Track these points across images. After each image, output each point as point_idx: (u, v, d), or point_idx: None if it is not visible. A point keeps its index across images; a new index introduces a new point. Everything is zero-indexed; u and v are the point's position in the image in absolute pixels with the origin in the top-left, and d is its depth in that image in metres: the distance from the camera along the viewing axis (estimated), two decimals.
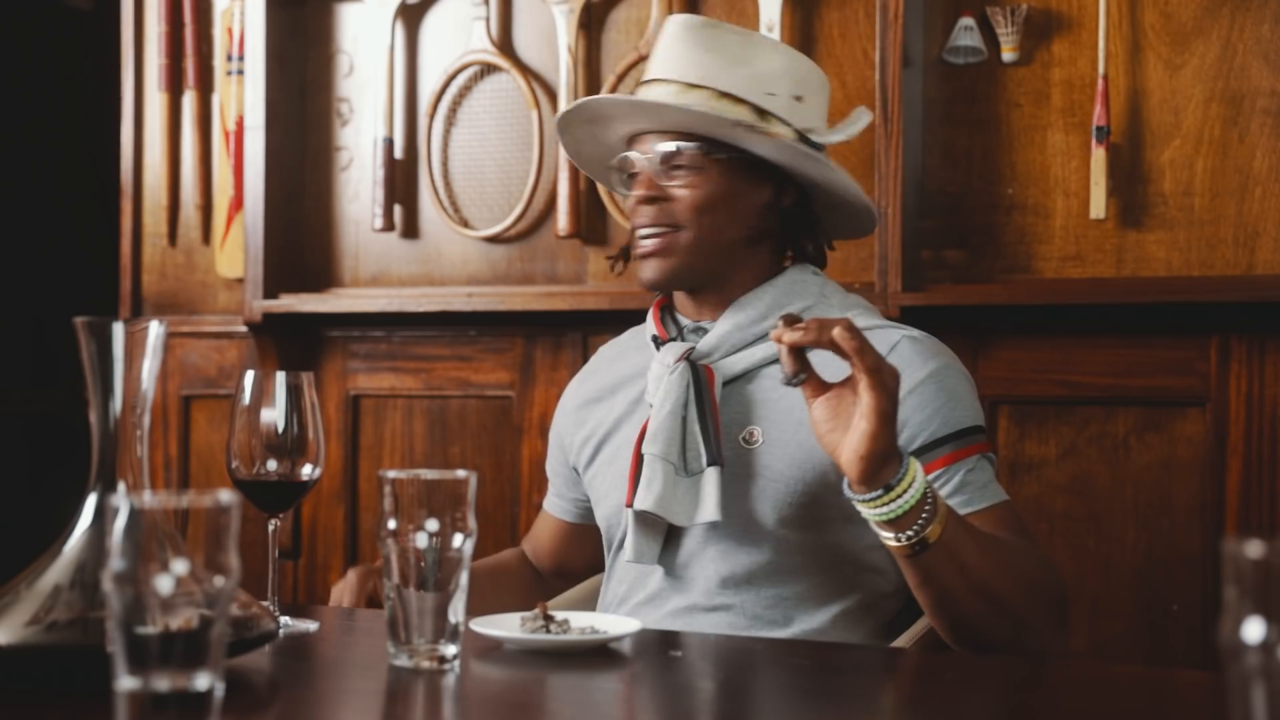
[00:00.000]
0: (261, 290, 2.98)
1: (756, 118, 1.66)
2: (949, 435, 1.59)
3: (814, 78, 1.73)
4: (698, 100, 1.66)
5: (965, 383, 1.65)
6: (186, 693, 0.84)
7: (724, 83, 1.67)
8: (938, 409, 1.60)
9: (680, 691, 1.26)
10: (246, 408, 1.47)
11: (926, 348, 1.66)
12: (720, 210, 1.68)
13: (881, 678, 1.36)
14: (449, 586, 1.22)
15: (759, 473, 1.63)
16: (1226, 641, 0.71)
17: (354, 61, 3.09)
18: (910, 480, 1.38)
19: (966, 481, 1.58)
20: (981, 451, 1.62)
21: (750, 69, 1.68)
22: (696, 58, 1.68)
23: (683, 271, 1.69)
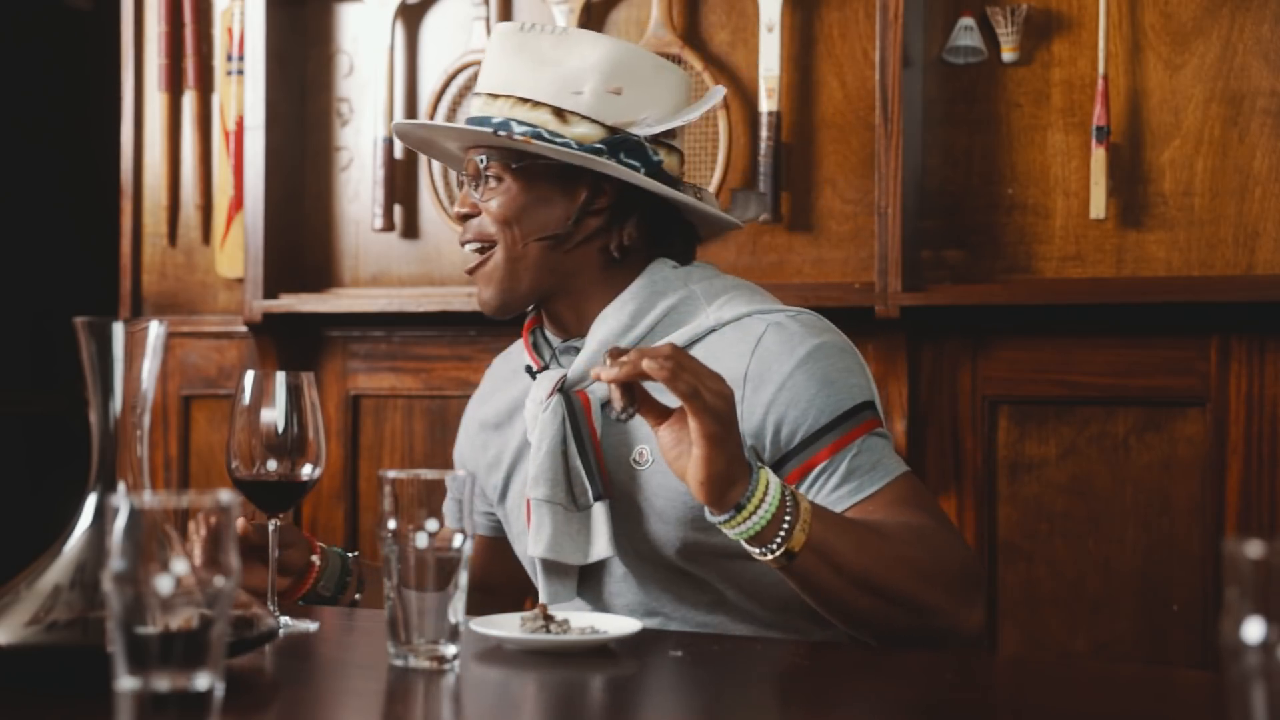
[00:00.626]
0: (261, 290, 2.98)
1: (555, 119, 1.62)
2: (826, 425, 1.54)
3: (640, 66, 1.66)
4: (498, 110, 1.64)
5: (841, 360, 1.58)
6: (186, 693, 0.84)
7: (524, 88, 1.64)
8: (810, 400, 1.54)
9: (680, 691, 1.26)
10: (246, 408, 1.47)
11: (793, 332, 1.58)
12: (525, 219, 1.64)
13: (881, 678, 1.36)
14: (449, 586, 1.22)
15: (654, 493, 1.59)
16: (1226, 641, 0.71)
17: (354, 61, 3.09)
18: (762, 495, 1.35)
19: (854, 468, 1.53)
20: (868, 431, 1.56)
21: (557, 69, 1.64)
22: (504, 65, 1.66)
23: (507, 290, 1.67)
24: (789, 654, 1.43)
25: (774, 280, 2.70)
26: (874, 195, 2.56)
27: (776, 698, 1.25)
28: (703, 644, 1.42)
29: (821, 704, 1.23)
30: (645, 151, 1.65)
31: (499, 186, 1.65)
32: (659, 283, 1.65)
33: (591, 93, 1.63)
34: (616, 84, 1.64)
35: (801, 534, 1.36)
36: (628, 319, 1.63)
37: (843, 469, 1.53)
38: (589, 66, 1.64)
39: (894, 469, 1.55)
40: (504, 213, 1.64)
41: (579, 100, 1.63)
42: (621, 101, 1.64)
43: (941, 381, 2.60)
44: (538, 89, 1.63)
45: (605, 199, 1.65)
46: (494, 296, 1.67)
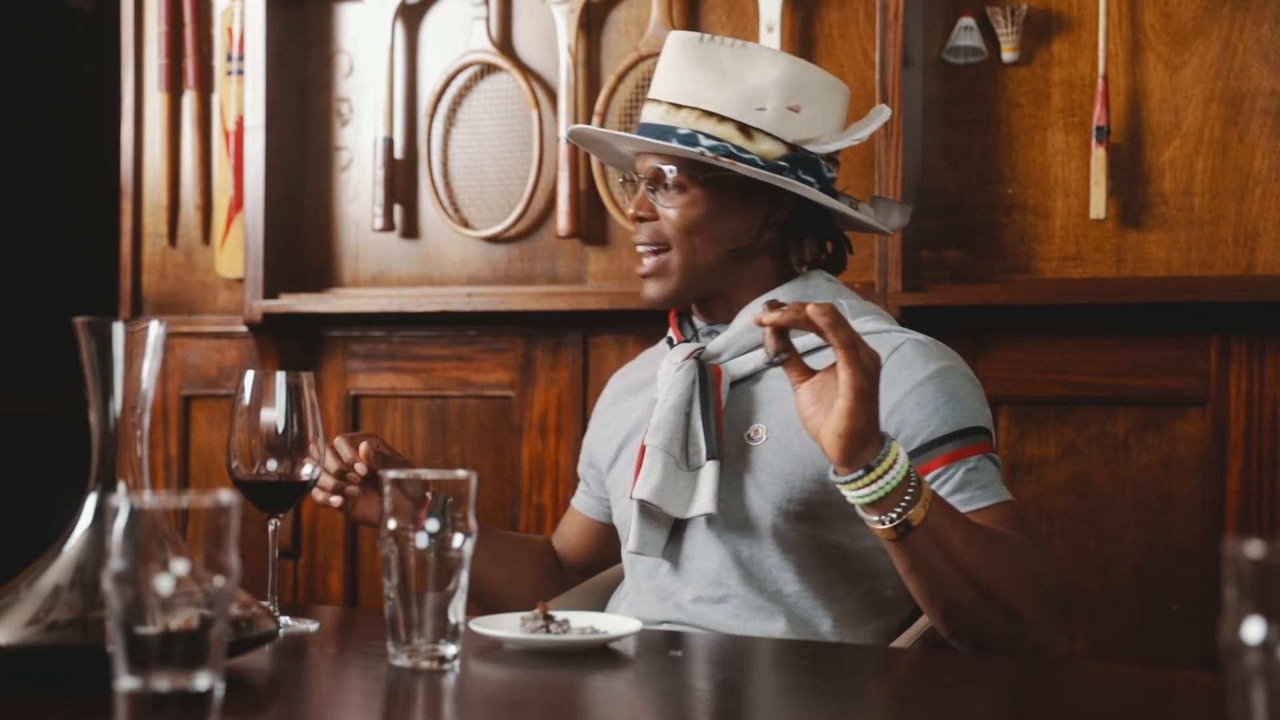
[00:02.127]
0: (261, 290, 2.98)
1: (741, 135, 1.68)
2: (949, 434, 1.60)
3: (815, 84, 1.72)
4: (683, 120, 1.69)
5: (969, 385, 1.66)
6: (186, 693, 0.84)
7: (709, 101, 1.69)
8: (937, 408, 1.61)
9: (680, 691, 1.26)
10: (246, 408, 1.47)
11: (931, 350, 1.67)
12: (707, 230, 1.71)
13: (881, 678, 1.36)
14: (449, 586, 1.22)
15: (760, 469, 1.65)
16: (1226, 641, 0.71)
17: (354, 61, 3.09)
18: (891, 462, 1.40)
19: (967, 480, 1.59)
20: (984, 452, 1.62)
21: (740, 84, 1.69)
22: (686, 75, 1.71)
23: (678, 291, 1.73)
24: (789, 654, 1.43)
25: None
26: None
27: (777, 698, 1.25)
28: (703, 644, 1.42)
29: (822, 704, 1.23)
30: (820, 168, 1.72)
31: (682, 195, 1.71)
32: (811, 288, 1.74)
33: (774, 110, 1.69)
34: (796, 101, 1.70)
35: (921, 509, 1.41)
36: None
37: (956, 478, 1.59)
38: (770, 83, 1.69)
39: (1004, 494, 1.62)
40: (687, 222, 1.71)
41: (762, 117, 1.68)
42: (800, 119, 1.70)
43: None
44: (722, 103, 1.69)
45: (782, 213, 1.73)
46: (664, 296, 1.74)
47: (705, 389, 1.67)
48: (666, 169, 1.71)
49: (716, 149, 1.67)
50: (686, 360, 1.70)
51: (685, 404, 1.67)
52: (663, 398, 1.69)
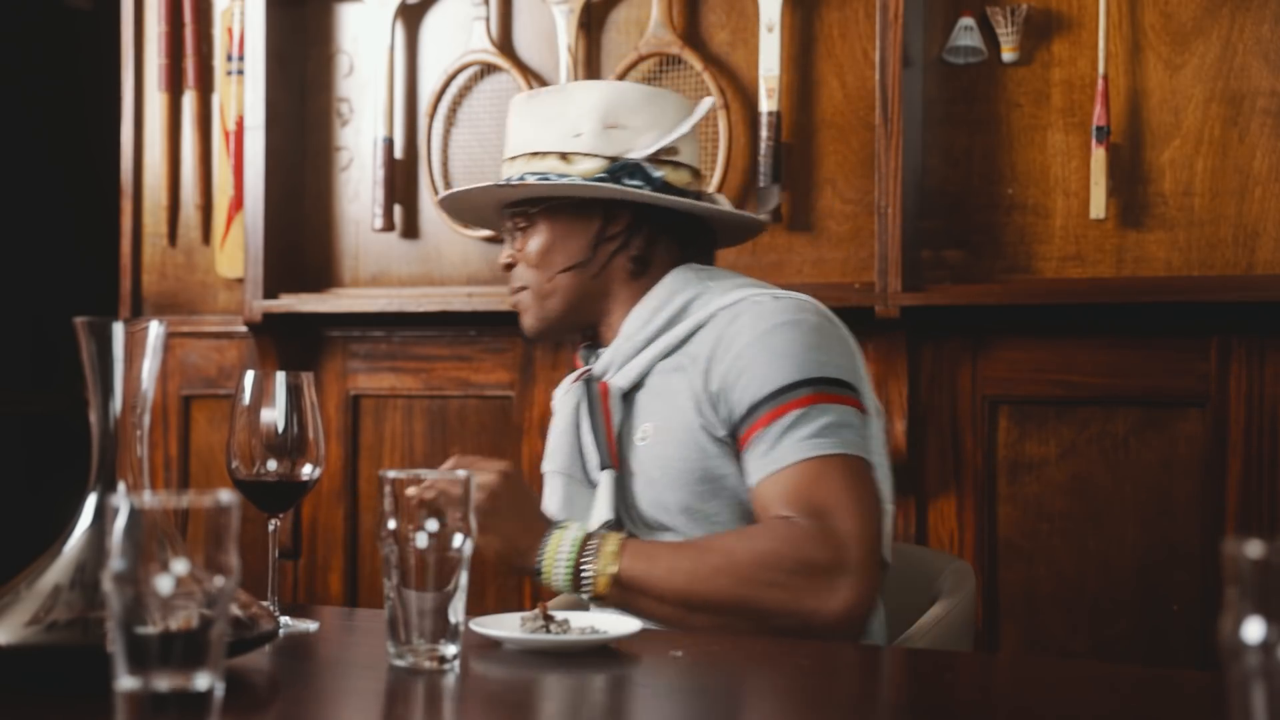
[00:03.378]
0: (261, 290, 2.98)
1: (561, 163, 1.77)
2: (762, 399, 1.62)
3: (633, 99, 1.79)
4: (517, 168, 1.80)
5: (803, 338, 1.65)
6: (186, 693, 0.84)
7: (533, 143, 1.79)
8: (754, 375, 1.63)
9: (680, 691, 1.26)
10: (246, 408, 1.47)
11: (765, 310, 1.67)
12: (549, 258, 1.79)
13: (880, 678, 1.36)
14: (449, 586, 1.22)
15: (652, 466, 1.69)
16: (1226, 641, 0.71)
17: (354, 61, 3.09)
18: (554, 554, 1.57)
19: (778, 441, 1.60)
20: (809, 404, 1.60)
21: (560, 120, 1.78)
22: (517, 129, 1.82)
23: (544, 324, 1.82)
24: (789, 654, 1.43)
25: (774, 280, 2.70)
26: (874, 195, 2.56)
27: (777, 698, 1.25)
28: (703, 644, 1.42)
29: (822, 704, 1.23)
30: (646, 171, 1.77)
31: (526, 233, 1.80)
32: (676, 283, 1.77)
33: (591, 132, 1.77)
34: (612, 120, 1.78)
35: (604, 579, 1.55)
36: (647, 315, 1.75)
37: (769, 439, 1.61)
38: (585, 111, 1.78)
39: (811, 450, 1.59)
40: (533, 255, 1.79)
41: (580, 141, 1.77)
42: (620, 134, 1.78)
43: (941, 381, 2.60)
44: (543, 141, 1.79)
45: (620, 222, 1.78)
46: (531, 325, 1.83)
47: (592, 405, 1.74)
48: (505, 213, 1.82)
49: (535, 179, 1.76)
50: (574, 383, 1.79)
51: (574, 424, 1.76)
52: (554, 422, 1.80)
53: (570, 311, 1.81)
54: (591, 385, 1.76)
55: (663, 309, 1.74)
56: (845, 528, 1.56)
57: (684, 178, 1.80)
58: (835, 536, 1.55)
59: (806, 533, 1.55)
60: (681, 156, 1.80)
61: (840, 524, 1.56)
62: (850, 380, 1.66)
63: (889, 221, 2.51)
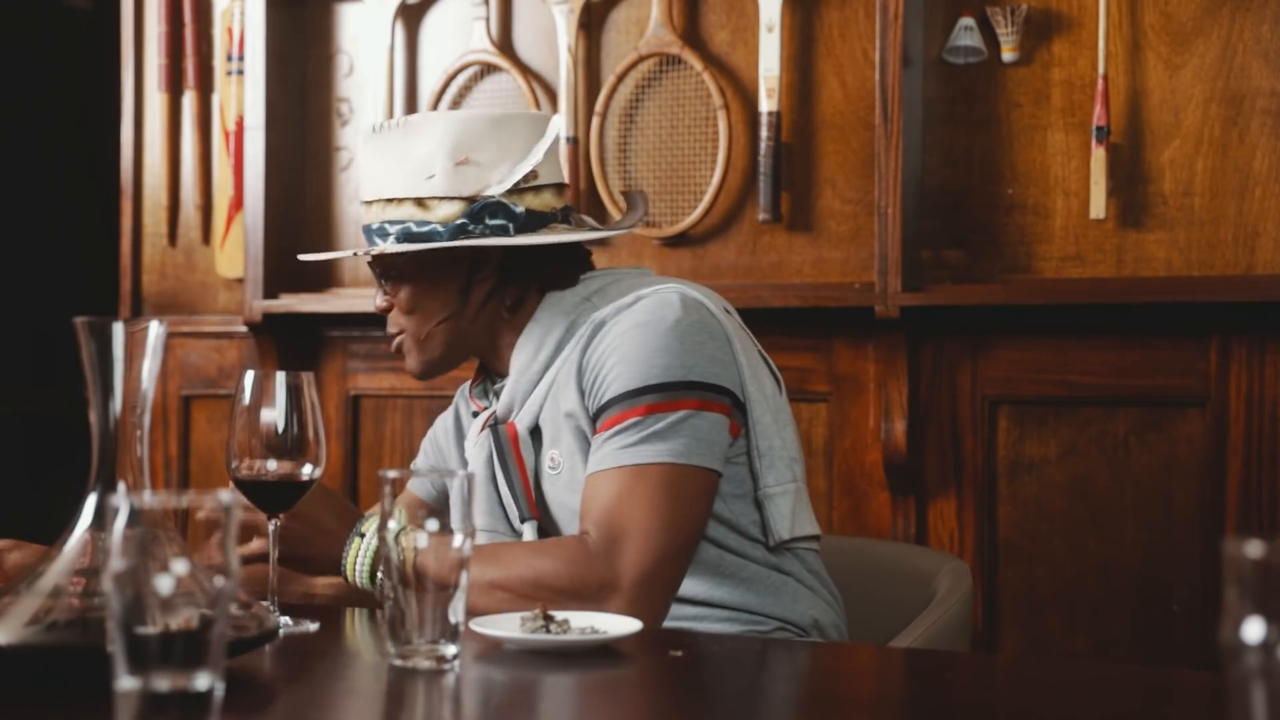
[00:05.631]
0: (261, 290, 2.98)
1: (419, 209, 1.70)
2: (604, 404, 1.62)
3: (479, 129, 1.71)
4: (375, 215, 1.72)
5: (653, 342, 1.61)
6: (186, 693, 0.84)
7: (387, 188, 1.72)
8: (603, 381, 1.62)
9: (680, 691, 1.26)
10: (246, 408, 1.47)
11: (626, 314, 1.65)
12: (424, 305, 1.74)
13: (880, 678, 1.36)
14: (449, 586, 1.22)
15: (569, 489, 1.67)
16: (1226, 641, 0.71)
17: (354, 61, 3.09)
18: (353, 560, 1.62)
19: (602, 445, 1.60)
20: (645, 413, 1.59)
21: (409, 159, 1.71)
22: (371, 170, 1.75)
23: (429, 366, 1.78)
24: (789, 654, 1.43)
25: (774, 280, 2.70)
26: (874, 195, 2.56)
27: (776, 698, 1.25)
28: (703, 644, 1.42)
29: (822, 704, 1.23)
30: (508, 208, 1.71)
31: (393, 285, 1.76)
32: (556, 306, 1.73)
33: (441, 172, 1.70)
34: (462, 155, 1.70)
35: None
36: (535, 345, 1.72)
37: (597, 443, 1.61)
38: (433, 148, 1.70)
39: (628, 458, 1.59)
40: (406, 305, 1.75)
41: (434, 184, 1.70)
42: (472, 170, 1.70)
43: (941, 381, 2.60)
44: (397, 185, 1.71)
45: (489, 265, 1.74)
46: (415, 368, 1.79)
47: (502, 453, 1.71)
48: (372, 267, 1.76)
49: (398, 234, 1.69)
50: (481, 433, 1.75)
51: (490, 477, 1.72)
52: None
53: (452, 353, 1.78)
54: (499, 431, 1.72)
55: (548, 337, 1.71)
56: (631, 548, 1.56)
57: (548, 200, 1.74)
58: (615, 559, 1.56)
59: (588, 554, 1.56)
60: (541, 179, 1.73)
61: (629, 543, 1.56)
62: (703, 379, 1.61)
63: (889, 221, 2.51)
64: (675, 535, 1.57)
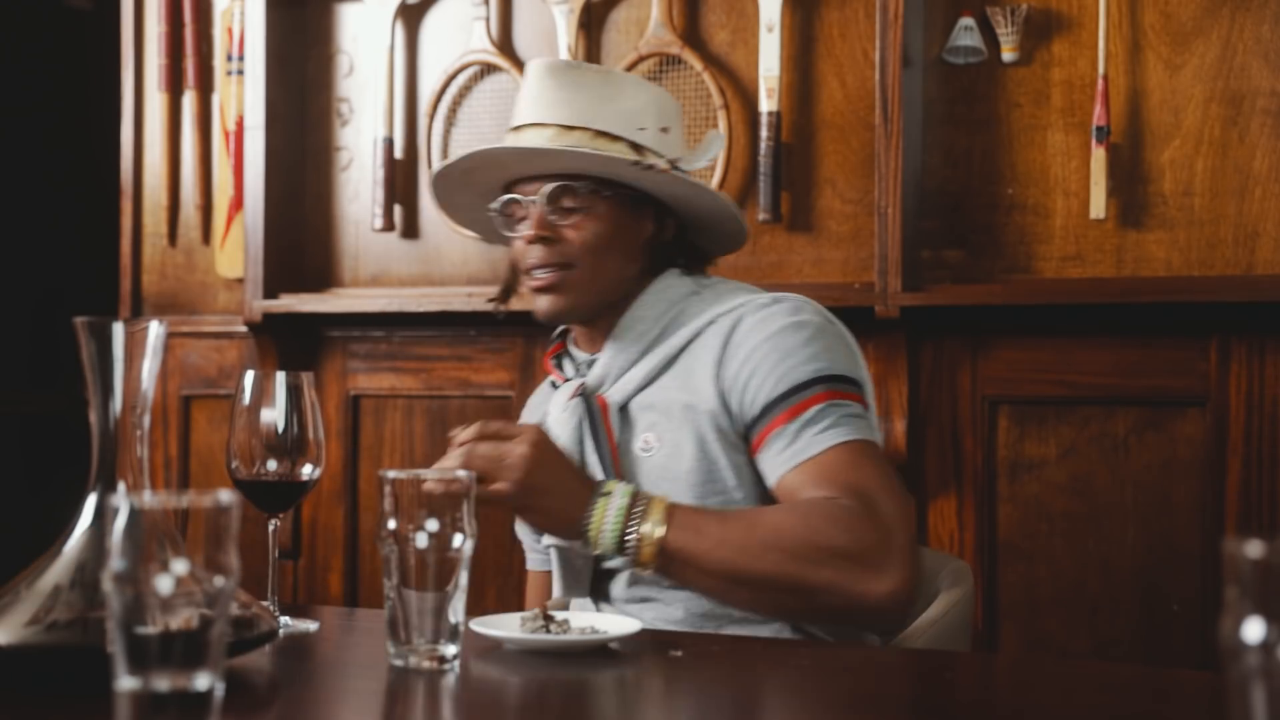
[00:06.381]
0: (261, 290, 2.98)
1: (633, 153, 1.72)
2: (783, 394, 1.63)
3: (672, 108, 1.79)
4: (578, 140, 1.71)
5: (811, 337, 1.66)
6: (186, 693, 0.84)
7: (600, 121, 1.72)
8: (769, 370, 1.64)
9: (680, 691, 1.26)
10: (246, 408, 1.47)
11: (770, 313, 1.69)
12: (610, 247, 1.73)
13: (881, 678, 1.36)
14: (449, 586, 1.22)
15: (659, 473, 1.68)
16: (1226, 641, 0.71)
17: (354, 61, 3.09)
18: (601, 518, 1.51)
19: (798, 434, 1.61)
20: (824, 401, 1.62)
21: (618, 106, 1.73)
22: (568, 99, 1.73)
23: (578, 308, 1.75)
24: (789, 654, 1.43)
25: (774, 280, 2.70)
26: (874, 195, 2.56)
27: (776, 698, 1.25)
28: (703, 644, 1.42)
29: (822, 704, 1.23)
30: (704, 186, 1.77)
31: (588, 213, 1.72)
32: (666, 289, 1.76)
33: (651, 131, 1.74)
34: (665, 122, 1.76)
35: (650, 547, 1.50)
36: (642, 325, 1.74)
37: (790, 434, 1.61)
38: (642, 106, 1.74)
39: (839, 436, 1.60)
40: (593, 240, 1.72)
41: (645, 136, 1.74)
42: (668, 139, 1.77)
43: (941, 381, 2.60)
44: (612, 123, 1.72)
45: (671, 226, 1.78)
46: (564, 311, 1.74)
47: (594, 423, 1.71)
48: (578, 185, 1.71)
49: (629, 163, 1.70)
50: (572, 399, 1.73)
51: (577, 443, 1.71)
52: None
53: (602, 306, 1.75)
54: (590, 401, 1.72)
55: (659, 317, 1.74)
56: (888, 510, 1.55)
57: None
58: (881, 519, 1.53)
59: (854, 513, 1.53)
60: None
61: (883, 507, 1.55)
62: (855, 377, 1.68)
63: (889, 221, 2.51)
64: (907, 502, 1.61)
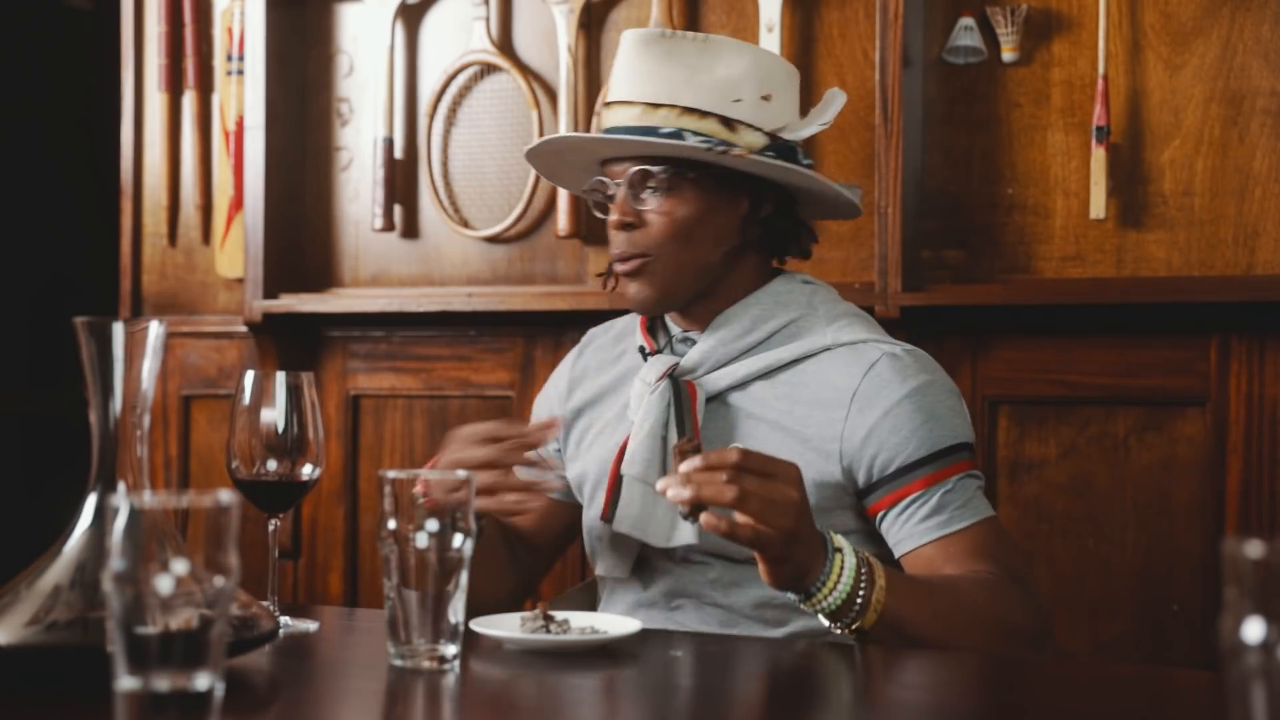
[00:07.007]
0: (261, 290, 2.98)
1: (725, 129, 1.62)
2: (924, 458, 1.58)
3: (779, 71, 1.69)
4: (663, 119, 1.62)
5: (948, 399, 1.63)
6: (186, 693, 0.84)
7: (688, 97, 1.62)
8: (914, 430, 1.58)
9: (680, 691, 1.26)
10: (246, 408, 1.47)
11: (907, 365, 1.62)
12: (695, 233, 1.64)
13: (881, 678, 1.36)
14: (449, 586, 1.22)
15: None
16: (1226, 641, 0.71)
17: (354, 61, 3.09)
18: (834, 581, 1.39)
19: (943, 504, 1.57)
20: (963, 471, 1.60)
21: (712, 76, 1.63)
22: (656, 73, 1.64)
23: (665, 296, 1.67)
24: (789, 654, 1.43)
25: None
26: (874, 195, 2.56)
27: (776, 698, 1.25)
28: (703, 644, 1.42)
29: (822, 704, 1.23)
30: (798, 155, 1.68)
31: (671, 197, 1.64)
32: (784, 295, 1.69)
33: (749, 100, 1.64)
34: (767, 90, 1.65)
35: (874, 613, 1.40)
36: (749, 323, 1.67)
37: (934, 502, 1.57)
38: (741, 74, 1.64)
39: (981, 511, 1.60)
40: (676, 227, 1.64)
41: (741, 108, 1.63)
42: (772, 108, 1.66)
43: None
44: (701, 98, 1.62)
45: (769, 207, 1.68)
46: (650, 297, 1.66)
47: (681, 410, 1.63)
48: (656, 169, 1.63)
49: (707, 144, 1.60)
50: (660, 380, 1.65)
51: (661, 428, 1.63)
52: (639, 422, 1.65)
53: (694, 292, 1.67)
54: (680, 387, 1.64)
55: (768, 320, 1.66)
56: (1034, 583, 1.60)
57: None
58: (1042, 607, 1.58)
59: (1025, 603, 1.54)
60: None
61: (1031, 581, 1.59)
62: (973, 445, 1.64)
63: (889, 221, 2.51)
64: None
